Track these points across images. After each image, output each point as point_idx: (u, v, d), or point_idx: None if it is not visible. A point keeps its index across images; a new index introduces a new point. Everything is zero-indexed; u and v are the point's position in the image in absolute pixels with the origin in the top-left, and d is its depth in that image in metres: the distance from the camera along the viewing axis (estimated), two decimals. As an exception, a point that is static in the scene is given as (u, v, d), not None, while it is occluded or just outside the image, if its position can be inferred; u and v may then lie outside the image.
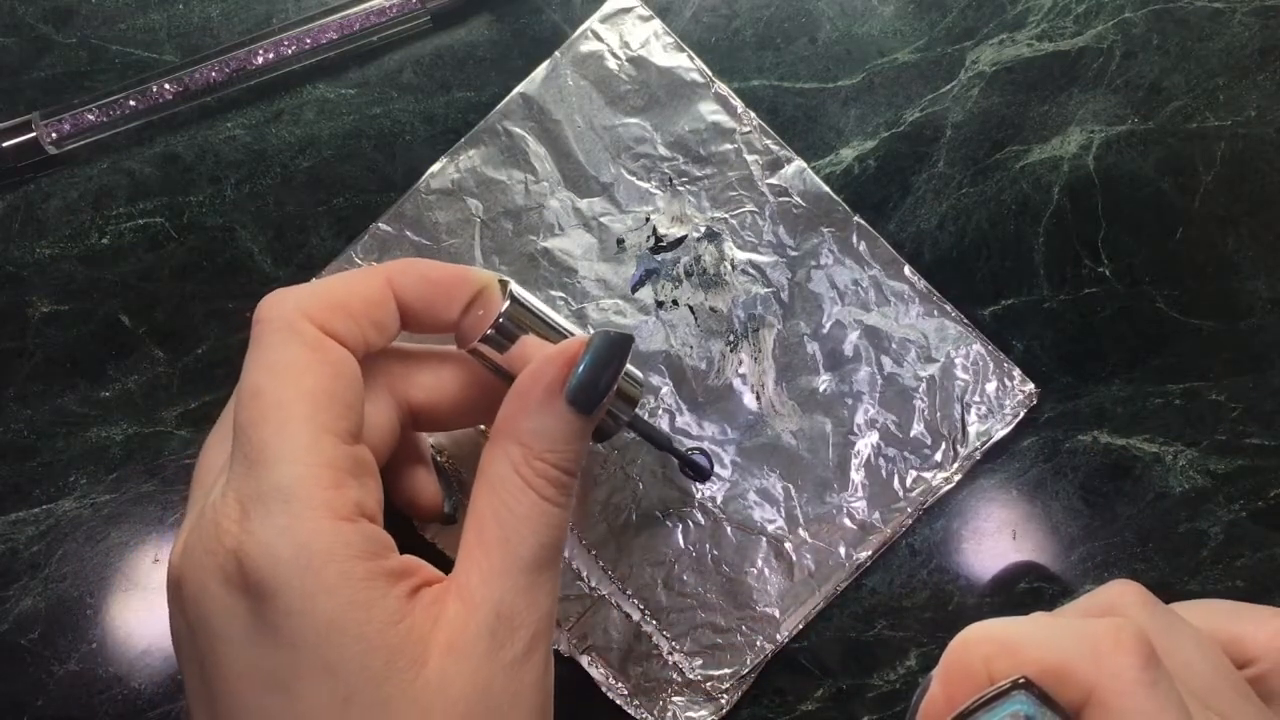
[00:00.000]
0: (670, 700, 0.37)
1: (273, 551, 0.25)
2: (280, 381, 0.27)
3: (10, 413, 0.38)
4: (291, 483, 0.25)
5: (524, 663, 0.27)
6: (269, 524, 0.25)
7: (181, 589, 0.26)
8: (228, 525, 0.25)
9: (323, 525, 0.25)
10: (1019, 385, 0.38)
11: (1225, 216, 0.39)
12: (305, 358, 0.27)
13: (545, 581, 0.28)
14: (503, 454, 0.28)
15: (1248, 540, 0.38)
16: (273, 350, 0.27)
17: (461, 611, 0.26)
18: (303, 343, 0.27)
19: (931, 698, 0.24)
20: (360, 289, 0.29)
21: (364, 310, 0.29)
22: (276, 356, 0.27)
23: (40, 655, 0.37)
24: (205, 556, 0.25)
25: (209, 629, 0.26)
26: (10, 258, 0.38)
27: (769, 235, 0.39)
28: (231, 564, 0.25)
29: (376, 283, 0.29)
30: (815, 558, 0.37)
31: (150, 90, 0.38)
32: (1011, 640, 0.23)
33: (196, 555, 0.26)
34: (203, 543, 0.26)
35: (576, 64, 0.39)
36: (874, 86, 0.39)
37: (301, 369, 0.27)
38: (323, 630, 0.25)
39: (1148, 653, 0.22)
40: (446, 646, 0.26)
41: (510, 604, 0.27)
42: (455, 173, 0.38)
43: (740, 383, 0.38)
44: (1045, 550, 0.38)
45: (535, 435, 0.28)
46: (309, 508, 0.25)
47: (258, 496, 0.25)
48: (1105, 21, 0.39)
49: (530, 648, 0.27)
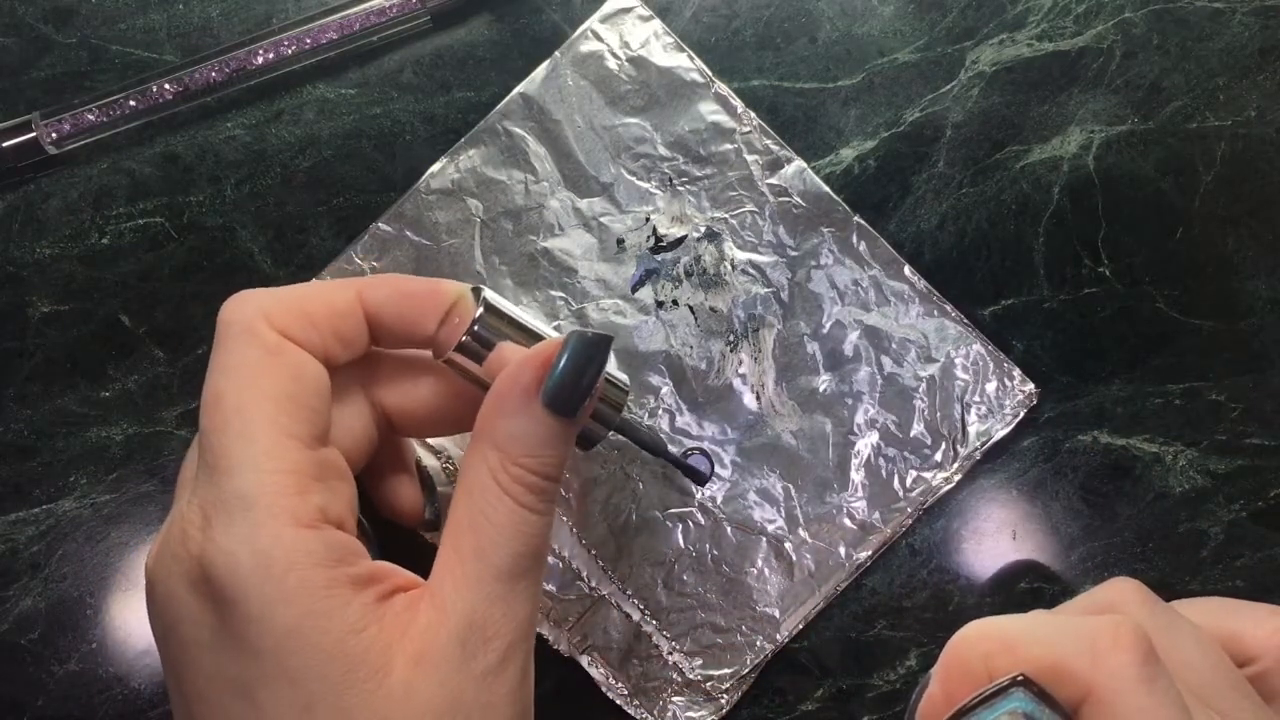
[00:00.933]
0: (670, 700, 0.37)
1: (233, 559, 0.24)
2: (239, 385, 0.26)
3: (10, 413, 0.38)
4: (252, 490, 0.25)
5: (497, 674, 0.26)
6: (230, 532, 0.25)
7: (153, 592, 0.26)
8: (192, 532, 0.25)
9: (283, 533, 0.25)
10: (1019, 385, 0.38)
11: (1225, 216, 0.39)
12: (264, 361, 0.27)
13: (522, 591, 0.27)
14: (480, 459, 0.27)
15: (1248, 540, 0.38)
16: (232, 354, 0.27)
17: (434, 620, 0.26)
18: (261, 345, 0.27)
19: (930, 696, 0.24)
20: (326, 297, 0.28)
21: (327, 319, 0.28)
22: (236, 360, 0.27)
23: (40, 655, 0.37)
24: (173, 562, 0.25)
25: (178, 633, 0.26)
26: (10, 258, 0.38)
27: (769, 235, 0.39)
28: (196, 570, 0.25)
29: (346, 294, 0.29)
30: (815, 558, 0.37)
31: (150, 90, 0.38)
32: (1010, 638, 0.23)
33: (165, 560, 0.26)
34: (170, 548, 0.26)
35: (576, 64, 0.39)
36: (874, 86, 0.39)
37: (260, 372, 0.26)
38: (282, 638, 0.24)
39: (1146, 650, 0.22)
40: (415, 656, 0.25)
41: (484, 613, 0.26)
42: (455, 173, 0.38)
43: (740, 383, 0.38)
44: (1045, 550, 0.38)
45: (512, 440, 0.27)
46: (270, 515, 0.25)
47: (219, 503, 0.25)
48: (1105, 21, 0.39)
49: (504, 658, 0.26)
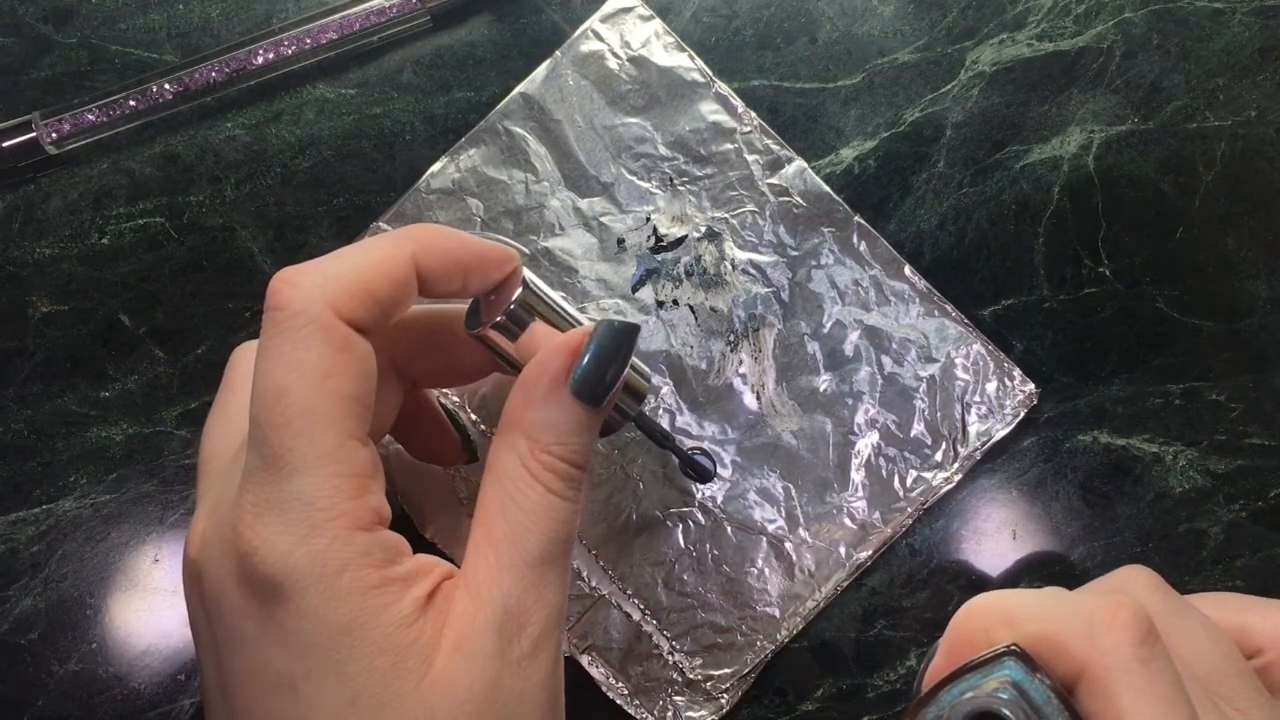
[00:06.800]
0: (670, 700, 0.37)
1: (289, 559, 0.24)
2: (308, 384, 0.25)
3: (10, 413, 0.38)
4: (313, 493, 0.25)
5: (532, 660, 0.26)
6: (288, 531, 0.25)
7: (201, 583, 0.26)
8: (243, 528, 0.25)
9: (340, 535, 0.25)
10: (1019, 385, 0.38)
11: (1225, 216, 0.39)
12: (334, 359, 0.26)
13: (554, 577, 0.27)
14: (509, 447, 0.28)
15: (1248, 540, 0.38)
16: (299, 347, 0.25)
17: (469, 608, 0.26)
18: (330, 342, 0.26)
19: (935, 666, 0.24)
20: (387, 270, 0.27)
21: (390, 294, 0.27)
22: (303, 355, 0.25)
23: (40, 655, 0.37)
24: (223, 555, 0.25)
25: (224, 625, 0.26)
26: (10, 258, 0.38)
27: (769, 235, 0.39)
28: (247, 566, 0.25)
29: (402, 262, 0.28)
30: (815, 558, 0.37)
31: (150, 90, 0.38)
32: (1010, 612, 0.24)
33: (215, 552, 0.26)
34: (221, 541, 0.26)
35: (577, 64, 0.39)
36: (874, 86, 0.39)
37: (330, 371, 0.26)
38: (334, 634, 0.24)
39: (1145, 630, 0.22)
40: (454, 644, 0.26)
41: (518, 600, 0.26)
42: (456, 172, 0.38)
43: (740, 382, 0.38)
44: (1045, 550, 0.38)
45: (541, 428, 0.27)
46: (330, 518, 0.25)
47: (277, 502, 0.25)
48: (1105, 21, 0.39)
49: (538, 644, 0.27)
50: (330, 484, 0.25)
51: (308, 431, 0.25)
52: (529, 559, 0.27)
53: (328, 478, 0.25)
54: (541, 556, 0.27)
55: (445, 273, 0.28)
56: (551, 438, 0.27)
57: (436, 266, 0.28)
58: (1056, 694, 0.22)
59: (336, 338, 0.26)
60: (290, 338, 0.26)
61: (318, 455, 0.25)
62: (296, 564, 0.24)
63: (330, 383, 0.26)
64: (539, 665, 0.27)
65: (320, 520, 0.25)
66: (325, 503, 0.25)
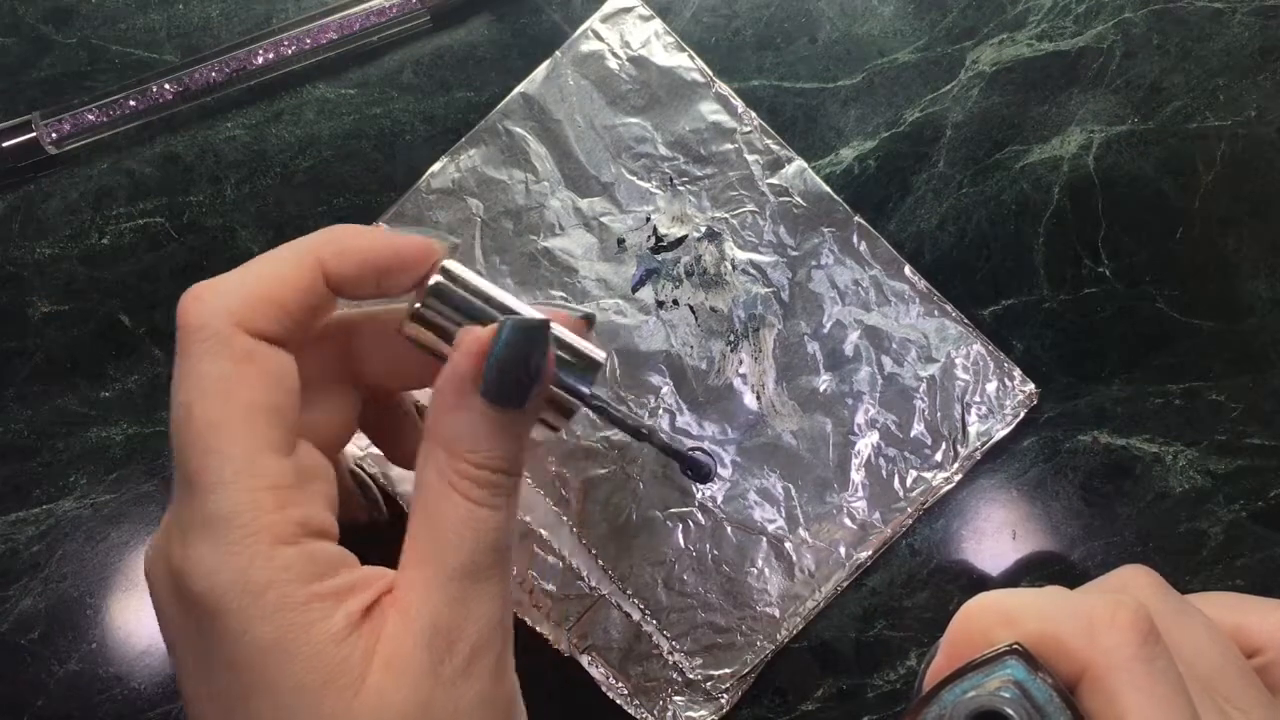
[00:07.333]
0: (670, 700, 0.37)
1: (212, 578, 0.24)
2: (210, 400, 0.25)
3: (10, 413, 0.38)
4: (228, 509, 0.24)
5: (465, 677, 0.25)
6: (208, 551, 0.24)
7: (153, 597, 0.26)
8: (174, 547, 0.25)
9: (261, 551, 0.24)
10: (1019, 385, 0.38)
11: (1225, 216, 0.39)
12: (237, 372, 0.25)
13: (486, 590, 0.26)
14: (429, 458, 0.26)
15: (1248, 540, 0.38)
16: (200, 363, 0.25)
17: (399, 625, 0.25)
18: (231, 355, 0.25)
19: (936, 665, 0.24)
20: (291, 278, 0.26)
21: (299, 301, 0.26)
22: (205, 370, 0.25)
23: (40, 655, 0.37)
24: (163, 573, 0.25)
25: (170, 637, 0.26)
26: (10, 258, 0.38)
27: (769, 235, 0.39)
28: (181, 585, 0.25)
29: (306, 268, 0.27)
30: (815, 558, 0.37)
31: (150, 90, 0.38)
32: (1012, 611, 0.24)
33: (158, 569, 0.26)
34: (160, 559, 0.25)
35: (577, 64, 0.39)
36: (874, 86, 0.39)
37: (232, 384, 0.25)
38: (263, 653, 0.24)
39: (1145, 630, 0.22)
40: (385, 662, 0.25)
41: (447, 617, 0.25)
42: (456, 172, 0.38)
43: (740, 382, 0.38)
44: (1045, 550, 0.38)
45: (456, 436, 0.26)
46: (247, 534, 0.24)
47: (200, 521, 0.24)
48: (1105, 21, 0.39)
49: (471, 660, 0.26)
50: (246, 498, 0.24)
51: (216, 447, 0.25)
52: (455, 573, 0.26)
53: (243, 492, 0.24)
54: (468, 569, 0.26)
55: (357, 275, 0.28)
56: (466, 445, 0.26)
57: (347, 269, 0.27)
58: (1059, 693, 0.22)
59: (236, 350, 0.25)
60: (192, 354, 0.25)
61: (232, 470, 0.25)
62: (221, 583, 0.24)
63: (236, 396, 0.25)
64: (474, 681, 0.26)
65: (238, 537, 0.24)
66: (243, 519, 0.24)
